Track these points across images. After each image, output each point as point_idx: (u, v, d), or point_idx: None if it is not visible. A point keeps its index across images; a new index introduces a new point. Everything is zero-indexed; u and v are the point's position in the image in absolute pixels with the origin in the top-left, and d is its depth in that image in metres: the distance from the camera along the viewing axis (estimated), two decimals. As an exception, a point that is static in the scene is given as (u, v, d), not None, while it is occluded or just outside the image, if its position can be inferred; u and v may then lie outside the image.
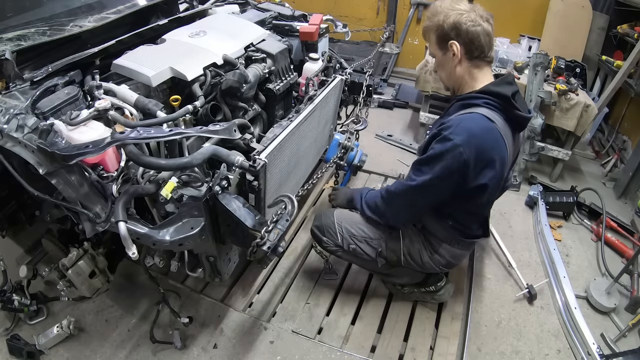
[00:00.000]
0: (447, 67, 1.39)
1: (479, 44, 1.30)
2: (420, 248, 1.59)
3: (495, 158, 1.29)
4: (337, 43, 4.03)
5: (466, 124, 1.26)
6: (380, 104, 3.73)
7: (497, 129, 1.28)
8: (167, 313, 1.66)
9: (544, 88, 2.70)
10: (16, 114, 1.13)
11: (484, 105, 1.30)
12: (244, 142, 1.43)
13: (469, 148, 1.23)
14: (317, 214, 1.77)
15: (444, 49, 1.35)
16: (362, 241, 1.63)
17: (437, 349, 1.69)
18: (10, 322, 1.70)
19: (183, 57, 1.47)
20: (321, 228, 1.69)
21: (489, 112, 1.29)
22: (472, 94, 1.34)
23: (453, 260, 1.61)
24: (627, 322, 1.84)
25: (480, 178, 1.30)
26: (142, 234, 1.19)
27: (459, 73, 1.37)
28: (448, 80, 1.44)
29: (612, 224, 2.42)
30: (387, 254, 1.62)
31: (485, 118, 1.27)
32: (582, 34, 3.38)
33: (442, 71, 1.44)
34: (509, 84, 1.34)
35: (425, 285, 1.79)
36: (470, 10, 1.29)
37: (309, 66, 1.88)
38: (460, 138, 1.23)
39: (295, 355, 1.64)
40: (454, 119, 1.31)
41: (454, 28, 1.29)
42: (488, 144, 1.27)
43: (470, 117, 1.29)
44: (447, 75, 1.42)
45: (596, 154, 3.36)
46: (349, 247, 1.64)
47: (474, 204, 1.44)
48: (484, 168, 1.29)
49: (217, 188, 1.16)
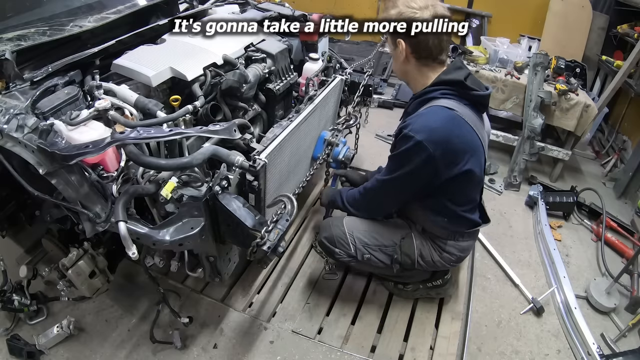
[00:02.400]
0: (397, 61, 1.41)
1: (425, 46, 1.30)
2: (430, 249, 1.59)
3: (465, 143, 1.31)
4: (337, 43, 4.04)
5: (424, 120, 1.28)
6: (380, 104, 3.73)
7: (459, 115, 1.29)
8: (167, 313, 1.66)
9: (544, 88, 2.70)
10: (16, 114, 1.13)
11: (440, 96, 1.32)
12: (244, 142, 1.43)
13: (432, 143, 1.25)
14: (323, 224, 1.72)
15: (394, 44, 1.36)
16: (376, 249, 1.60)
17: (437, 349, 1.69)
18: (10, 322, 1.69)
19: (183, 57, 1.47)
20: (332, 240, 1.63)
21: (447, 101, 1.30)
22: (427, 89, 1.36)
23: (462, 253, 1.61)
24: (627, 322, 1.84)
25: (459, 166, 1.31)
26: (142, 234, 1.19)
27: (407, 69, 1.39)
28: (398, 73, 1.48)
29: (612, 224, 2.42)
30: (402, 259, 1.60)
31: (444, 108, 1.29)
32: (582, 34, 3.38)
33: (394, 64, 1.48)
34: (459, 69, 1.35)
35: (432, 280, 1.79)
36: (424, 9, 1.27)
37: (309, 66, 1.89)
38: (421, 135, 1.25)
39: (295, 355, 1.64)
40: (414, 117, 1.33)
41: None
42: (453, 133, 1.28)
43: (428, 111, 1.30)
44: (398, 69, 1.45)
45: (596, 154, 3.36)
46: (363, 257, 1.61)
47: (468, 192, 1.46)
48: (458, 156, 1.30)
49: (217, 188, 1.16)
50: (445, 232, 1.55)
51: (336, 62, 2.21)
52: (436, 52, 1.33)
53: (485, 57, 3.08)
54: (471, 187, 1.45)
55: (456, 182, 1.35)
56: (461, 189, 1.42)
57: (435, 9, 1.28)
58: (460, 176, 1.34)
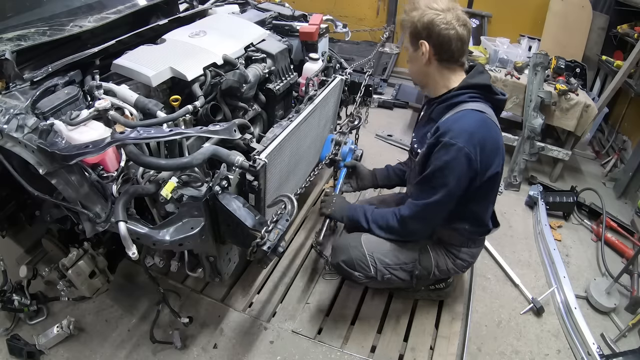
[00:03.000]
0: (417, 63, 1.38)
1: (448, 48, 1.29)
2: (445, 258, 1.58)
3: (496, 145, 1.31)
4: (337, 43, 4.03)
5: (461, 124, 1.26)
6: (380, 104, 3.73)
7: (490, 118, 1.30)
8: (167, 313, 1.66)
9: (544, 88, 2.70)
10: (16, 114, 1.13)
11: (469, 100, 1.31)
12: (244, 142, 1.43)
13: (473, 146, 1.23)
14: (340, 246, 1.61)
15: (415, 46, 1.34)
16: (397, 269, 1.56)
17: (437, 349, 1.69)
18: (10, 322, 1.69)
19: (183, 57, 1.47)
20: (351, 263, 1.55)
21: (476, 104, 1.30)
22: (453, 93, 1.33)
23: (473, 259, 1.63)
24: (627, 322, 1.84)
25: (492, 168, 1.31)
26: (142, 234, 1.19)
27: (428, 72, 1.37)
28: (416, 76, 1.45)
29: (612, 224, 2.42)
30: (420, 273, 1.58)
31: (476, 112, 1.28)
32: (582, 34, 3.38)
33: (411, 66, 1.44)
34: (482, 73, 1.36)
35: (436, 283, 1.79)
36: (447, 11, 1.26)
37: (309, 66, 1.88)
38: (462, 140, 1.23)
39: (295, 355, 1.64)
40: (447, 122, 1.29)
41: (427, 28, 1.27)
42: (487, 136, 1.28)
43: (463, 115, 1.28)
44: (416, 71, 1.42)
45: (596, 154, 3.36)
46: (383, 277, 1.56)
47: (491, 196, 1.45)
48: (491, 159, 1.30)
49: (217, 188, 1.16)
50: (461, 239, 1.54)
51: (336, 62, 2.21)
52: (458, 55, 1.32)
53: (485, 57, 3.08)
54: (496, 189, 1.44)
55: (486, 185, 1.35)
56: (488, 192, 1.41)
57: (456, 12, 1.27)
58: (491, 179, 1.34)
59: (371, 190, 2.60)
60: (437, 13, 1.26)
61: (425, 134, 1.40)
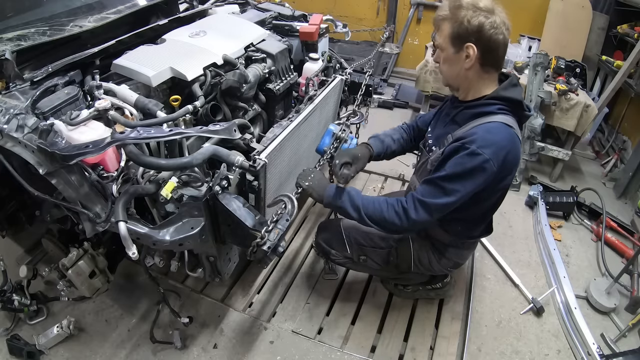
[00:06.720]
0: (456, 66, 1.28)
1: (496, 54, 1.23)
2: (429, 254, 1.57)
3: (517, 160, 1.30)
4: (337, 43, 4.04)
5: (492, 137, 1.21)
6: (380, 104, 3.73)
7: (517, 135, 1.26)
8: (167, 313, 1.66)
9: (544, 88, 2.70)
10: (16, 114, 1.13)
11: (498, 112, 1.26)
12: (244, 142, 1.43)
13: (497, 160, 1.20)
14: (321, 225, 1.71)
15: (457, 48, 1.24)
16: (371, 251, 1.59)
17: (437, 349, 1.69)
18: (10, 322, 1.70)
19: (183, 57, 1.47)
20: (328, 240, 1.62)
21: (505, 117, 1.25)
22: (483, 102, 1.28)
23: (460, 260, 1.61)
24: (627, 322, 1.84)
25: (504, 182, 1.31)
26: (142, 234, 1.19)
27: (467, 76, 1.28)
28: (452, 79, 1.34)
29: (612, 224, 2.42)
30: (399, 262, 1.59)
31: (506, 126, 1.24)
32: (582, 34, 3.38)
33: (448, 68, 1.31)
34: (515, 86, 1.30)
35: (432, 283, 1.79)
36: (493, 13, 1.19)
37: (309, 66, 1.88)
38: (489, 151, 1.19)
39: (295, 355, 1.64)
40: (477, 131, 1.23)
41: (477, 31, 1.18)
42: (512, 152, 1.24)
43: (493, 127, 1.23)
44: (454, 74, 1.31)
45: (596, 154, 3.36)
46: (359, 258, 1.60)
47: (495, 205, 1.45)
48: (508, 172, 1.29)
49: (217, 188, 1.16)
50: (450, 239, 1.52)
51: (336, 62, 2.21)
52: (501, 61, 1.28)
53: (485, 57, 3.07)
54: (501, 200, 1.43)
55: (494, 193, 1.34)
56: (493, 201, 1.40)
57: (502, 15, 1.21)
58: (501, 189, 1.34)
59: (371, 190, 2.60)
60: (486, 15, 1.17)
61: (445, 135, 1.35)
